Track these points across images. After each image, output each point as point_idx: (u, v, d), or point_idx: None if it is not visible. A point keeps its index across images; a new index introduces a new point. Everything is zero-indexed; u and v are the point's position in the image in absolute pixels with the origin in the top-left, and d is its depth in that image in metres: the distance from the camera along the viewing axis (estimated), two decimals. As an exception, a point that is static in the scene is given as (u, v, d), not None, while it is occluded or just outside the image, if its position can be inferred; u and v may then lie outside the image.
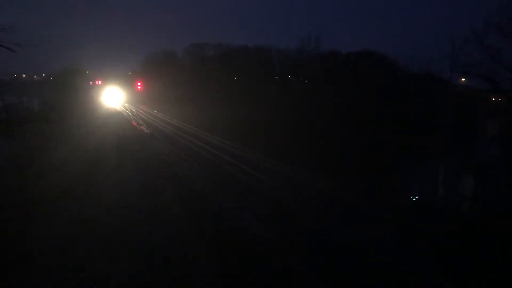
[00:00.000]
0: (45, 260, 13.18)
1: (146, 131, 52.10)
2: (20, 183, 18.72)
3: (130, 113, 72.91)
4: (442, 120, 32.86)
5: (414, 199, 24.66)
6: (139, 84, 69.95)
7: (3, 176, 20.79)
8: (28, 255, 13.47)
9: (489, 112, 28.02)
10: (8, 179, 20.35)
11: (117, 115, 65.34)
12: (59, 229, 15.43)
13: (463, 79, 32.53)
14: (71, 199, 17.72)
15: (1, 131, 19.81)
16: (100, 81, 75.68)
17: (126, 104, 78.45)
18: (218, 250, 14.59)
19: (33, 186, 18.61)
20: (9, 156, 22.67)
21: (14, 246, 13.95)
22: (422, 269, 13.48)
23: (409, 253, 15.04)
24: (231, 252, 14.34)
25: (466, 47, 24.78)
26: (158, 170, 27.89)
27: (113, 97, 69.63)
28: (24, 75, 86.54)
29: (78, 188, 20.42)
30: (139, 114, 73.97)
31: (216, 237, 15.83)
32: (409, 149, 32.17)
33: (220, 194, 22.14)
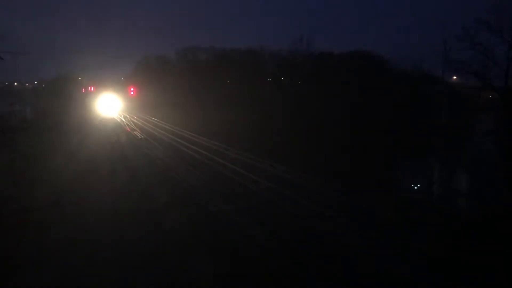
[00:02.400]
0: (38, 269, 13.08)
1: (140, 136, 51.96)
2: (13, 192, 18.55)
3: (123, 119, 72.59)
4: (435, 117, 32.99)
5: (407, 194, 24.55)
6: (132, 89, 69.57)
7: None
8: (22, 264, 13.35)
9: (482, 109, 28.17)
10: (1, 188, 20.15)
11: (111, 121, 64.98)
12: (52, 238, 15.31)
13: (455, 77, 32.76)
14: (65, 208, 17.60)
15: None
16: (92, 88, 75.25)
17: (121, 111, 78.01)
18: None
19: (26, 195, 18.45)
20: (2, 165, 22.44)
21: (8, 255, 13.82)
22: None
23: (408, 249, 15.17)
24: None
25: (458, 45, 24.92)
26: (154, 179, 27.38)
27: (107, 104, 69.11)
28: (16, 83, 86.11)
29: (71, 196, 20.29)
30: (133, 120, 73.77)
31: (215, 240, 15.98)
32: (404, 147, 32.24)
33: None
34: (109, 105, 68.99)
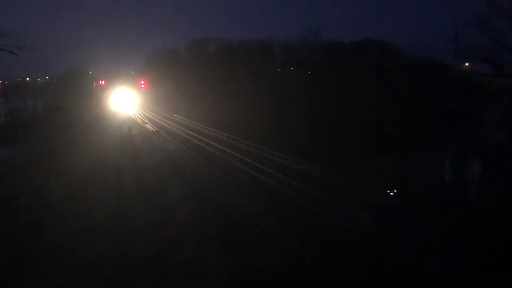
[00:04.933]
0: (55, 262, 13.35)
1: (151, 129, 52.22)
2: (27, 187, 18.85)
3: (135, 112, 72.83)
4: (447, 105, 32.57)
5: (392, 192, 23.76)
6: (142, 82, 69.86)
7: (11, 179, 20.94)
8: (39, 257, 13.64)
9: (493, 95, 27.69)
10: (16, 183, 20.49)
11: (123, 114, 65.15)
12: (68, 232, 15.61)
13: (467, 64, 32.23)
14: (79, 202, 17.88)
15: (7, 135, 19.93)
16: (103, 82, 75.83)
17: (131, 103, 78.37)
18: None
19: (41, 190, 18.75)
20: (16, 160, 22.80)
21: (25, 248, 14.13)
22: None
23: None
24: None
25: (469, 31, 24.43)
26: (172, 179, 27.13)
27: (119, 97, 69.25)
28: (28, 79, 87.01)
29: (85, 190, 20.58)
30: (144, 112, 74.14)
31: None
32: (414, 136, 31.88)
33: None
34: (121, 99, 69.39)
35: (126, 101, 70.11)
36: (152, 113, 73.65)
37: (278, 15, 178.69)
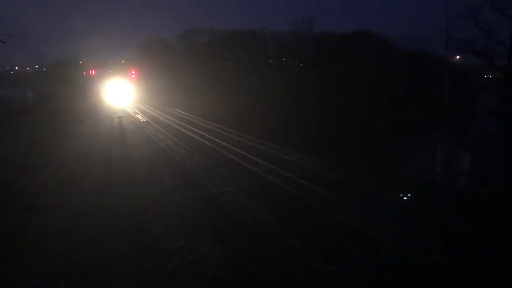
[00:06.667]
0: (49, 246, 13.36)
1: (142, 120, 51.95)
2: (18, 176, 18.66)
3: (127, 103, 72.22)
4: (438, 97, 32.75)
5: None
6: (133, 72, 69.14)
7: (1, 168, 20.75)
8: (33, 242, 13.64)
9: (484, 88, 27.90)
10: (6, 172, 20.29)
11: (115, 106, 64.52)
12: (61, 219, 15.60)
13: (458, 56, 32.41)
14: (70, 190, 17.77)
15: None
16: (94, 71, 74.94)
17: (121, 92, 77.52)
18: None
19: (31, 179, 18.57)
20: (5, 149, 22.56)
21: (19, 235, 14.09)
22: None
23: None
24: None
25: (460, 24, 24.54)
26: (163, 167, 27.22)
27: (109, 87, 68.50)
28: (17, 67, 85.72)
29: (76, 179, 20.43)
30: (136, 103, 73.60)
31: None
32: (406, 127, 32.09)
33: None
34: (111, 88, 68.79)
35: (116, 91, 69.50)
36: (143, 103, 73.17)
37: (271, 5, 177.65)
